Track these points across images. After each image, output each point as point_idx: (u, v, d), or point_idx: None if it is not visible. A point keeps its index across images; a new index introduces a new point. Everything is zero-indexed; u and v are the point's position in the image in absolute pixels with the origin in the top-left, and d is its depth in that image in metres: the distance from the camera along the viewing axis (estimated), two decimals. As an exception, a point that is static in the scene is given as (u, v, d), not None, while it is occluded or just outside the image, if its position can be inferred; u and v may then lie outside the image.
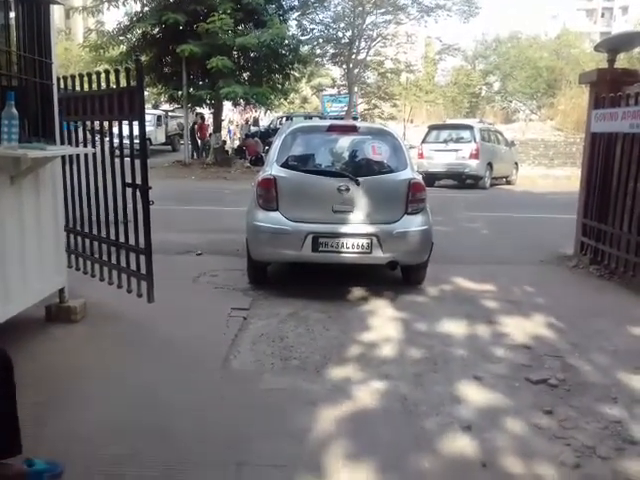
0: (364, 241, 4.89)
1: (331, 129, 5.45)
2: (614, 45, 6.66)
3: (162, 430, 2.75)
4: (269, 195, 5.00)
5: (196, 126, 23.34)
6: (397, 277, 5.60)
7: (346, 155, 5.35)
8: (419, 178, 5.24)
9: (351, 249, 4.90)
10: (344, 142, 5.43)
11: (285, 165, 5.11)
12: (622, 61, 23.82)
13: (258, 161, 18.61)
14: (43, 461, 2.38)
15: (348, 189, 4.91)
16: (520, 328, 4.27)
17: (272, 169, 5.09)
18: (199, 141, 23.32)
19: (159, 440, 2.67)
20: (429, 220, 5.16)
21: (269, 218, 4.98)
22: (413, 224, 5.03)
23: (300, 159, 5.26)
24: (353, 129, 5.53)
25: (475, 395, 3.20)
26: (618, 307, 4.87)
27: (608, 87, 6.11)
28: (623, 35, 7.31)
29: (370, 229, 4.92)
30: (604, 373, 3.50)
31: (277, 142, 5.40)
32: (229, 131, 30.75)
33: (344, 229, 4.92)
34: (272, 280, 5.46)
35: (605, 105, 6.06)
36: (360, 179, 4.94)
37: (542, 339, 4.07)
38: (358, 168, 5.12)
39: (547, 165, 22.63)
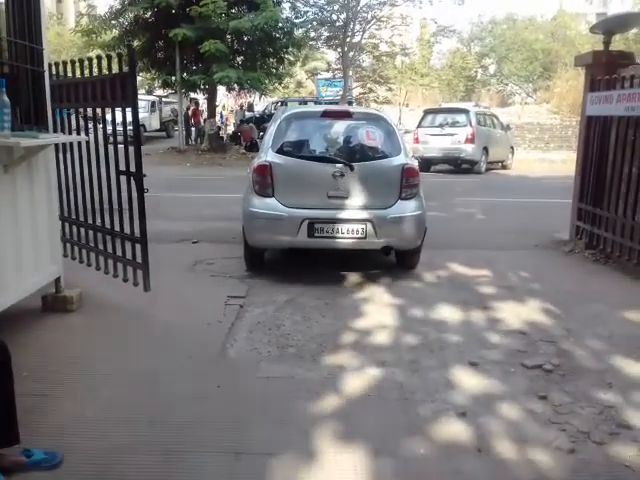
0: (359, 226, 4.93)
1: (325, 114, 5.45)
2: (610, 27, 6.58)
3: (160, 419, 2.76)
4: (265, 181, 5.02)
5: (189, 112, 23.18)
6: (393, 263, 5.61)
7: (340, 141, 5.36)
8: (413, 163, 5.27)
9: (346, 234, 4.95)
10: (338, 128, 5.43)
11: (280, 151, 5.12)
12: (618, 43, 23.70)
13: (253, 147, 18.52)
14: (41, 451, 2.39)
15: (343, 175, 4.93)
16: (515, 313, 4.29)
17: (267, 155, 5.11)
18: (193, 127, 23.19)
19: (157, 429, 2.68)
20: (423, 205, 5.19)
21: (265, 204, 5.00)
22: (407, 209, 5.06)
23: (295, 145, 5.26)
24: (347, 114, 5.54)
25: (470, 381, 3.22)
26: (613, 292, 4.89)
27: (604, 69, 6.06)
28: (619, 16, 7.24)
29: (365, 214, 4.95)
30: (599, 358, 3.52)
31: (272, 128, 5.44)
32: (221, 116, 30.46)
33: (339, 215, 4.96)
34: (268, 267, 5.47)
35: (600, 88, 6.01)
36: (354, 165, 4.96)
37: (537, 324, 4.09)
38: (352, 154, 5.14)
39: (543, 149, 22.59)
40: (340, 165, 4.96)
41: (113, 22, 18.62)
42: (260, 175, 5.05)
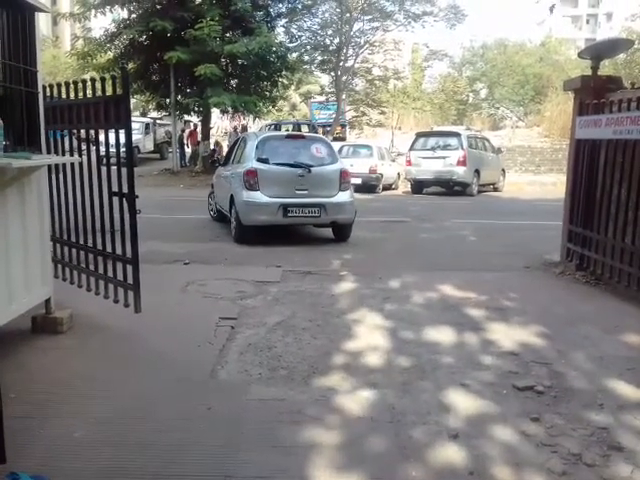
0: (316, 209, 7.69)
1: (288, 137, 8.81)
2: (598, 52, 6.70)
3: (149, 442, 2.73)
4: (252, 180, 7.58)
5: (185, 133, 23.31)
6: (385, 281, 5.61)
7: (300, 153, 7.96)
8: (346, 168, 8.28)
9: (308, 214, 7.70)
10: (298, 145, 8.18)
11: (260, 160, 7.73)
12: (607, 68, 24.11)
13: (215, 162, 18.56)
14: (28, 475, 2.34)
15: (303, 175, 7.66)
16: (507, 335, 4.29)
17: (252, 163, 7.72)
18: (188, 149, 23.32)
19: (146, 452, 2.64)
20: (353, 195, 8.21)
21: (253, 195, 7.59)
22: (344, 197, 7.97)
23: (271, 156, 7.77)
24: (302, 137, 8.92)
25: (462, 403, 3.20)
26: (604, 313, 4.90)
27: (592, 94, 6.14)
28: (606, 42, 7.39)
29: (319, 200, 7.71)
30: (590, 379, 3.52)
31: (251, 145, 7.99)
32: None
33: (303, 201, 7.64)
34: (260, 289, 5.46)
35: (589, 112, 6.10)
36: (311, 169, 7.69)
37: (529, 346, 4.08)
38: (309, 162, 7.81)
39: (534, 172, 22.81)
40: (302, 169, 7.66)
41: (108, 45, 18.78)
42: (249, 176, 7.60)
